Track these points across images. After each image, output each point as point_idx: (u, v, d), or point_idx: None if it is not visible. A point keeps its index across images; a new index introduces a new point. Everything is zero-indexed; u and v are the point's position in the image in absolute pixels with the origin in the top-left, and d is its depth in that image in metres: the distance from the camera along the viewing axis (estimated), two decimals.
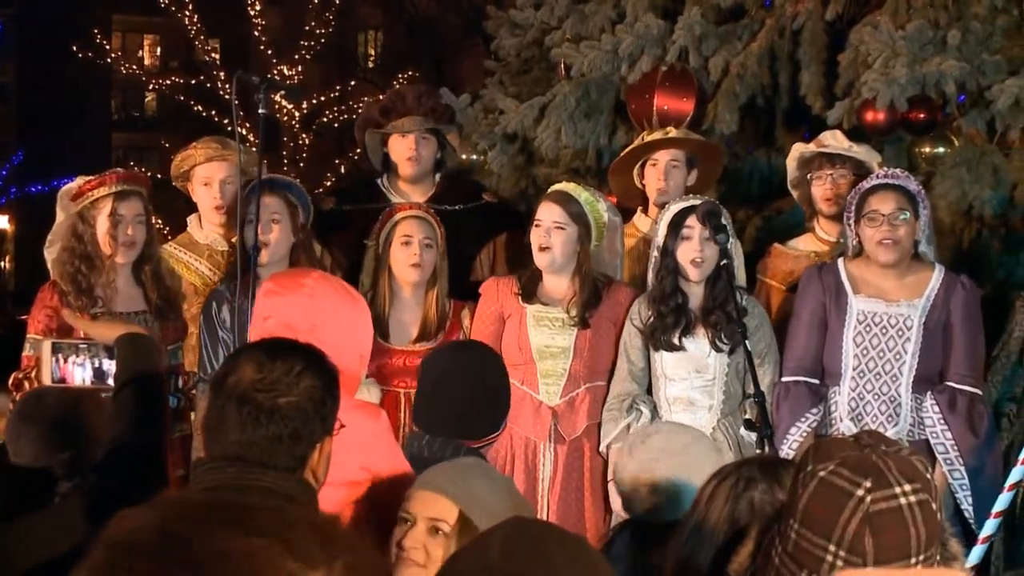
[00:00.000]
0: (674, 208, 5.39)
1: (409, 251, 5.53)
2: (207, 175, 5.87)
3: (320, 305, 3.70)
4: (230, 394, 2.85)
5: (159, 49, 41.89)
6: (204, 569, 1.49)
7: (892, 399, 5.26)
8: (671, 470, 3.65)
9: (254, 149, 5.69)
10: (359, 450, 3.53)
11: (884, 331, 5.29)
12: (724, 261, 5.19)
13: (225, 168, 5.86)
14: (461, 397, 3.93)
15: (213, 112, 24.79)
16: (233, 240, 5.81)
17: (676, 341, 5.36)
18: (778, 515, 2.22)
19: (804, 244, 5.96)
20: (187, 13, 25.10)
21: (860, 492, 2.04)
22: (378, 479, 3.70)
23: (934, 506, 2.08)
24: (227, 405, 2.85)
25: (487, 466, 3.54)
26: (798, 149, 5.95)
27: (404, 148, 6.16)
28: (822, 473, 2.08)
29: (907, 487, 2.05)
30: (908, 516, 2.05)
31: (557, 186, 5.66)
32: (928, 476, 2.10)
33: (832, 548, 2.06)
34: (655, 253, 5.44)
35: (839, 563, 2.06)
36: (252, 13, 24.85)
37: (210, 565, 1.49)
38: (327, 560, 1.55)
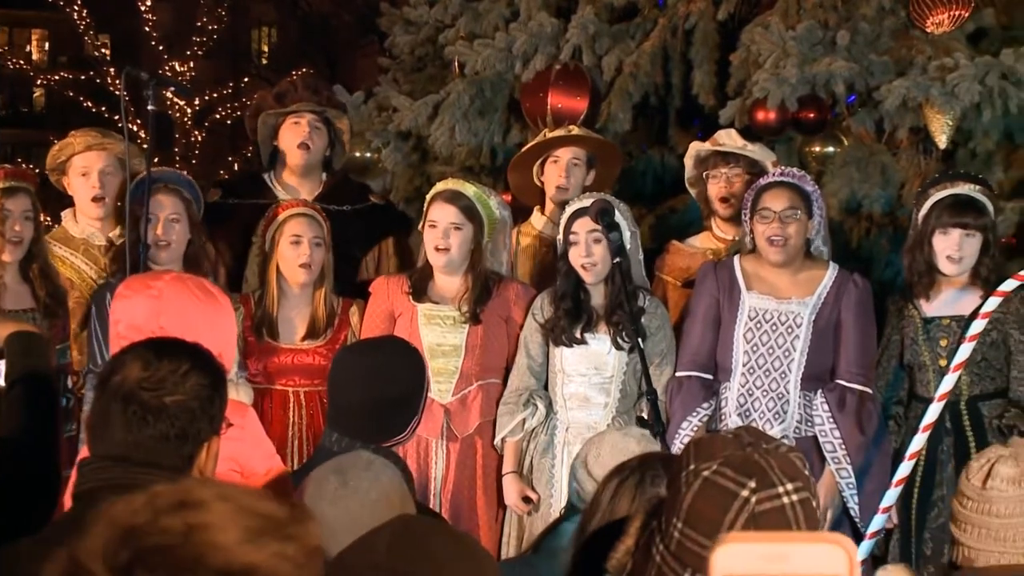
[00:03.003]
0: (569, 210, 5.41)
1: (299, 251, 5.48)
2: (85, 164, 5.75)
3: (167, 306, 3.67)
4: (115, 393, 2.80)
5: (47, 44, 41.21)
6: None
7: (780, 396, 5.30)
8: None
9: (145, 146, 5.60)
10: (225, 445, 3.49)
11: (774, 328, 5.33)
12: (617, 259, 5.16)
13: (104, 158, 5.75)
14: (362, 398, 3.88)
15: (103, 108, 24.46)
16: (112, 234, 5.73)
17: (578, 335, 5.38)
18: (656, 511, 2.23)
19: (701, 242, 5.98)
20: (76, 7, 24.73)
21: (745, 492, 2.06)
22: (249, 473, 3.68)
23: (814, 503, 2.11)
24: (112, 404, 2.80)
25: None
26: (694, 147, 5.98)
27: (296, 134, 6.07)
28: (706, 473, 2.09)
29: (789, 486, 2.07)
30: (791, 515, 2.07)
31: (444, 184, 5.62)
32: (807, 473, 2.13)
33: None
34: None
35: None
36: (143, 8, 24.55)
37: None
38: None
